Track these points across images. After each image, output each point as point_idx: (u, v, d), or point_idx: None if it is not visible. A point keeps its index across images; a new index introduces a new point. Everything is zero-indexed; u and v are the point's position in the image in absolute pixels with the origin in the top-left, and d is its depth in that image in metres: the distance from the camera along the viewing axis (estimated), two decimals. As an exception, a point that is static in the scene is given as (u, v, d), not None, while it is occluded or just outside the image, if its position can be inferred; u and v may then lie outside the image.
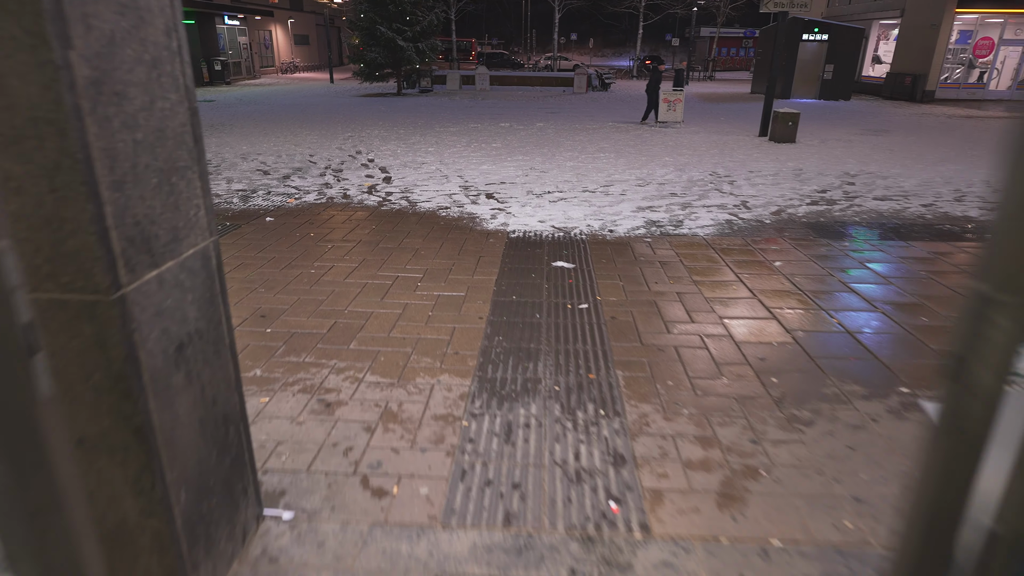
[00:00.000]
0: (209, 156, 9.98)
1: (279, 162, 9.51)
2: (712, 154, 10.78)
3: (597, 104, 21.35)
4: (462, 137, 12.59)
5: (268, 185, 7.88)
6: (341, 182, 8.13)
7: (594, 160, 10.00)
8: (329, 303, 4.16)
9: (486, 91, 26.52)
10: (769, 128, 13.01)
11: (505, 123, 15.25)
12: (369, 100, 22.04)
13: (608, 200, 7.25)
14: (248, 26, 35.84)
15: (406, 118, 16.06)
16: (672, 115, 15.25)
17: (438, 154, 10.44)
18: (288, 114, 16.81)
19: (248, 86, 29.36)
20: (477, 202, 7.09)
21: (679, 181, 8.42)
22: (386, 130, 13.68)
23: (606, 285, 4.57)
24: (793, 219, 6.57)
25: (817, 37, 23.51)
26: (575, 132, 13.63)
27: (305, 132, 13.21)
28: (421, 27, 24.04)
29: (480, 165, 9.43)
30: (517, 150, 10.96)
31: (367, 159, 9.91)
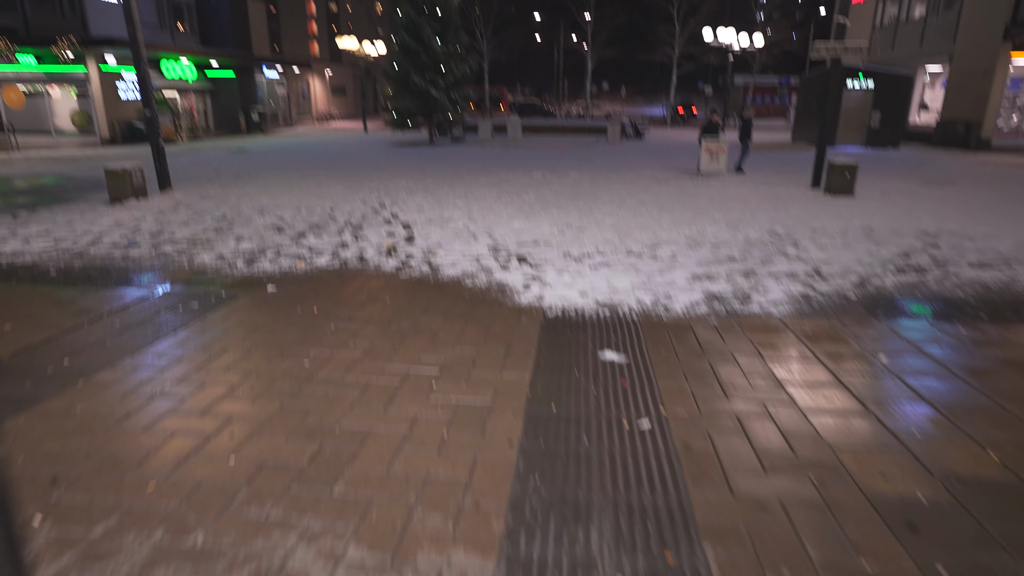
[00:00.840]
0: (225, 210, 9.43)
1: (297, 217, 8.88)
2: (765, 209, 9.82)
3: (632, 153, 20.66)
4: (492, 189, 11.90)
5: (279, 245, 7.18)
6: (359, 241, 7.40)
7: (636, 215, 9.13)
8: (318, 415, 3.28)
9: (518, 140, 26.17)
10: (823, 179, 12.03)
11: (538, 173, 14.59)
12: (400, 149, 21.78)
13: (657, 266, 6.33)
14: (287, 78, 36.66)
15: (436, 168, 15.54)
16: (714, 166, 14.39)
17: (466, 208, 9.72)
18: (317, 164, 16.48)
19: (283, 135, 29.65)
20: (508, 268, 6.24)
21: (735, 242, 7.46)
22: (414, 181, 13.11)
23: (671, 389, 3.60)
24: (882, 293, 5.53)
25: (862, 84, 22.62)
26: (612, 183, 12.85)
27: (331, 183, 12.70)
28: (454, 77, 23.94)
29: (511, 221, 8.64)
30: (551, 204, 10.18)
31: (390, 214, 9.22)
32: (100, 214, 9.09)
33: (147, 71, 10.71)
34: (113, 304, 5.06)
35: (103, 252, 6.81)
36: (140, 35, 10.55)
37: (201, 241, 7.34)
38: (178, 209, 9.52)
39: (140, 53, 10.56)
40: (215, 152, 20.51)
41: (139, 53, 10.55)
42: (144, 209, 9.51)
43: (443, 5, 23.43)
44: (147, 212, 9.27)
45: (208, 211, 9.37)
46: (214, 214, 9.11)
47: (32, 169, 15.56)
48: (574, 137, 27.15)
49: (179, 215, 9.02)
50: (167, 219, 8.73)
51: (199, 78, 29.07)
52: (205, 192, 11.39)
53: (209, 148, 22.33)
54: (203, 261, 6.44)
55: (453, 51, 24.24)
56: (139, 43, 10.52)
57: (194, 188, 11.89)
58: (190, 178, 13.55)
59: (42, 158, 18.35)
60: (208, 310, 4.94)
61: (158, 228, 8.10)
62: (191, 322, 4.66)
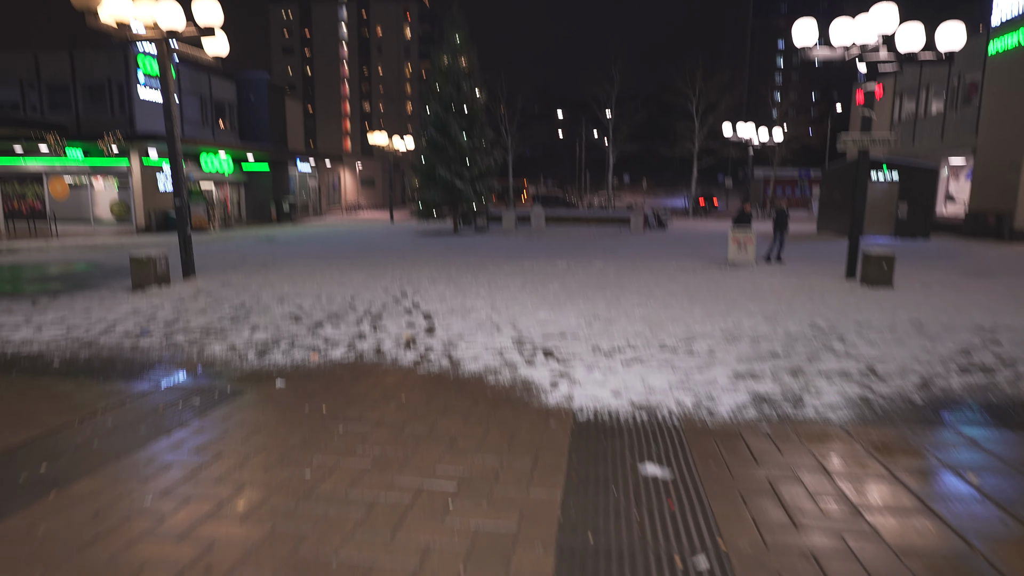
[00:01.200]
0: (244, 298, 9.28)
1: (316, 306, 8.66)
2: (801, 300, 9.37)
3: (656, 243, 20.56)
4: (516, 278, 11.68)
5: (295, 335, 6.89)
6: (378, 332, 7.08)
7: (666, 307, 8.74)
8: (314, 541, 2.81)
9: (542, 230, 26.41)
10: (859, 270, 11.60)
11: (562, 263, 14.42)
12: (425, 238, 22.02)
13: (695, 362, 5.86)
14: (319, 170, 38.17)
15: (459, 257, 15.50)
16: (743, 256, 14.09)
17: (490, 298, 9.44)
18: (342, 253, 16.59)
19: (312, 225, 30.40)
20: (533, 362, 5.82)
21: (775, 336, 6.99)
22: (437, 270, 12.99)
23: (727, 515, 3.06)
24: (951, 396, 4.97)
25: (886, 176, 22.61)
26: (638, 273, 12.56)
27: (354, 271, 12.63)
28: (479, 170, 24.56)
29: (536, 312, 8.30)
30: (577, 294, 9.86)
31: (412, 303, 8.97)
32: (119, 301, 8.98)
33: (180, 163, 10.99)
34: (110, 400, 4.72)
35: (113, 342, 6.58)
36: (176, 130, 10.90)
37: (215, 330, 7.09)
38: (198, 297, 9.39)
39: (175, 147, 10.87)
40: (244, 241, 20.92)
41: (174, 147, 10.86)
42: (164, 296, 9.41)
43: (470, 103, 24.43)
44: (167, 299, 9.15)
45: (227, 299, 9.23)
46: (233, 302, 8.95)
47: (66, 256, 15.88)
48: (597, 227, 27.34)
49: (198, 303, 8.87)
50: (185, 307, 8.57)
51: (235, 170, 30.34)
52: (227, 280, 11.35)
53: (239, 237, 22.84)
54: (213, 352, 6.15)
55: (478, 145, 25.02)
56: (175, 138, 10.85)
57: (218, 276, 11.88)
58: (216, 266, 13.63)
59: (78, 246, 18.84)
60: (210, 407, 4.57)
61: (174, 316, 7.91)
62: (189, 421, 4.28)
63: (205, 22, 10.04)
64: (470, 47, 24.78)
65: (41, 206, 25.59)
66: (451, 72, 24.10)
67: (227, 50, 11.27)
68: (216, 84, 30.64)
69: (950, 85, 26.03)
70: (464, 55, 24.47)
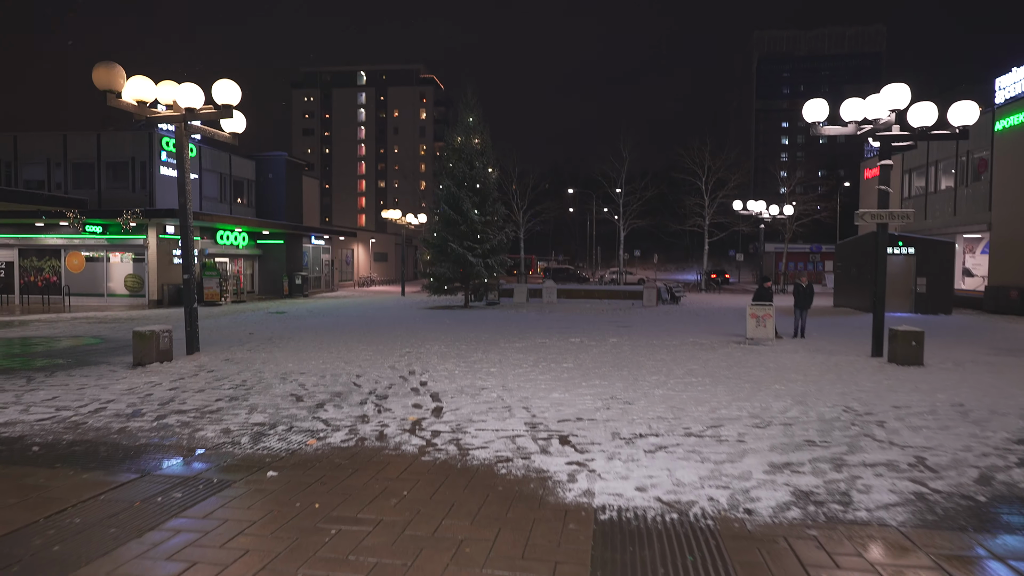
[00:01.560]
0: (246, 376, 8.93)
1: (319, 385, 8.28)
2: (829, 380, 8.87)
3: (670, 318, 20.18)
4: (529, 355, 11.28)
5: (294, 417, 6.49)
6: (382, 414, 6.66)
7: (687, 387, 8.27)
8: None
9: (553, 304, 26.18)
10: (885, 348, 11.11)
11: (575, 338, 14.03)
12: (435, 312, 21.79)
13: (724, 450, 5.37)
14: (333, 245, 38.66)
15: (470, 332, 15.17)
16: (762, 331, 13.65)
17: (501, 376, 9.03)
18: (350, 327, 16.34)
19: (323, 298, 30.40)
20: (548, 450, 5.36)
21: (808, 420, 6.49)
22: (447, 346, 12.63)
23: (786, 653, 2.55)
24: (1017, 493, 4.43)
25: (903, 251, 22.37)
26: (655, 350, 12.13)
27: (361, 347, 12.30)
28: (491, 245, 24.65)
29: (551, 392, 7.86)
30: (592, 372, 9.43)
31: (419, 382, 8.57)
32: (117, 379, 8.66)
33: (190, 238, 10.96)
34: (84, 493, 4.31)
35: (101, 424, 6.21)
36: (189, 205, 10.94)
37: (211, 412, 6.71)
38: (198, 374, 9.06)
39: (187, 221, 10.88)
40: (255, 314, 20.79)
41: (186, 221, 10.87)
42: (164, 373, 9.08)
43: (482, 180, 24.85)
44: (166, 377, 8.82)
45: (229, 376, 8.88)
46: (234, 380, 8.60)
47: (74, 330, 15.74)
48: (609, 302, 27.08)
49: (197, 381, 8.53)
50: (184, 385, 8.22)
51: (250, 244, 30.73)
52: (232, 355, 11.05)
53: (250, 310, 22.75)
54: (205, 436, 5.75)
55: (490, 221, 25.25)
56: (187, 212, 10.88)
57: (222, 351, 11.60)
58: (222, 340, 13.38)
59: (88, 319, 18.76)
60: (192, 502, 4.14)
61: (171, 395, 7.55)
62: (164, 522, 3.84)
63: (224, 100, 10.25)
64: (483, 127, 25.49)
65: (56, 279, 25.84)
66: (464, 150, 24.67)
67: (243, 127, 11.49)
68: (236, 163, 31.58)
69: (959, 162, 26.21)
70: (477, 135, 25.13)
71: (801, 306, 14.88)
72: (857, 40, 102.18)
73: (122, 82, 9.73)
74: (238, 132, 11.55)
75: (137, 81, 10.09)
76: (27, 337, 14.11)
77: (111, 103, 9.81)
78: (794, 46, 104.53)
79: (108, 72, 9.55)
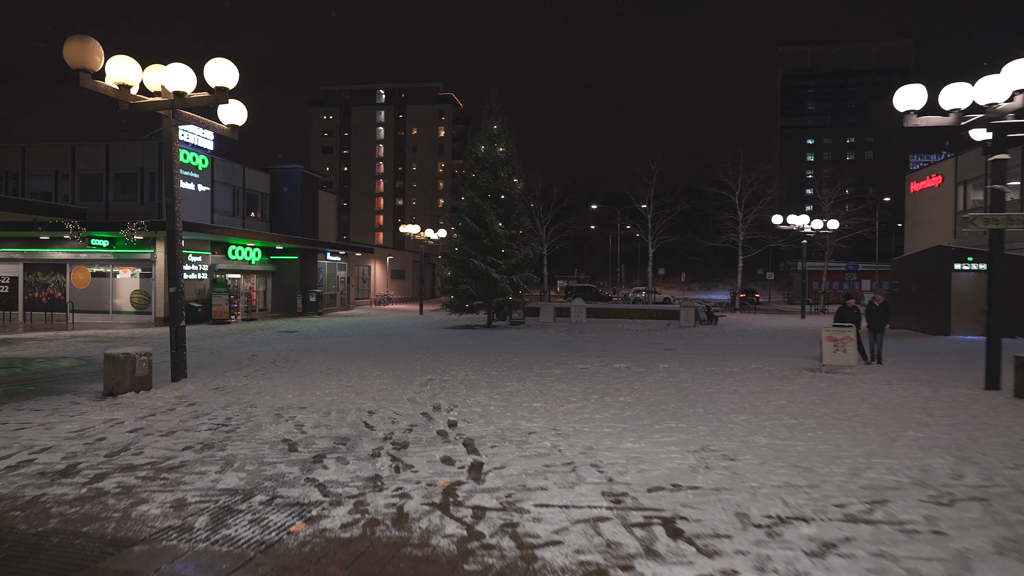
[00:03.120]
0: (233, 411, 7.20)
1: (321, 426, 6.53)
2: (968, 424, 6.92)
3: (715, 340, 18.22)
4: (574, 384, 9.46)
5: (280, 479, 4.72)
6: (401, 474, 4.88)
7: (792, 432, 6.38)
8: None
9: (583, 324, 24.31)
10: (1015, 380, 9.09)
11: (620, 364, 12.17)
12: (457, 332, 20.05)
13: (929, 552, 3.48)
14: (349, 262, 37.24)
15: (498, 355, 13.38)
16: (842, 357, 11.67)
17: (548, 413, 7.21)
18: (365, 348, 14.63)
19: (338, 316, 28.84)
20: (655, 548, 3.52)
21: (1003, 490, 4.58)
22: (475, 371, 10.86)
23: None
24: None
25: (973, 267, 20.24)
26: (719, 379, 10.24)
27: (376, 373, 10.57)
28: (516, 260, 22.93)
29: (620, 440, 6.02)
30: (660, 408, 7.57)
31: (447, 422, 6.78)
32: (73, 415, 6.99)
33: (179, 246, 9.37)
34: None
35: (10, 488, 4.48)
36: (178, 209, 9.38)
37: (170, 468, 4.97)
38: (175, 408, 7.36)
39: (175, 226, 9.31)
40: (263, 333, 19.21)
41: (174, 227, 9.30)
42: (133, 407, 7.40)
43: (507, 191, 23.22)
44: (134, 412, 7.13)
45: (212, 412, 7.17)
46: (216, 417, 6.88)
47: (62, 350, 14.22)
48: (642, 322, 25.16)
49: (170, 418, 6.82)
50: (151, 424, 6.51)
51: (263, 260, 29.36)
52: (224, 382, 9.37)
53: (260, 329, 21.20)
54: (145, 516, 3.99)
55: (515, 234, 23.56)
56: (175, 217, 9.31)
57: (214, 377, 9.93)
58: (219, 363, 11.73)
59: (87, 338, 17.28)
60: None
61: (128, 440, 5.84)
62: None
63: (218, 83, 8.69)
64: (508, 135, 23.92)
65: (61, 296, 24.59)
66: (488, 159, 23.08)
67: (244, 119, 9.94)
68: (250, 175, 30.35)
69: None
70: (502, 143, 23.56)
71: (876, 328, 12.95)
72: (885, 56, 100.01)
73: (98, 59, 8.21)
74: (238, 124, 9.99)
75: (119, 62, 8.59)
76: (7, 358, 12.59)
77: (85, 84, 8.28)
78: (819, 62, 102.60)
79: (81, 47, 8.04)
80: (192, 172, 25.75)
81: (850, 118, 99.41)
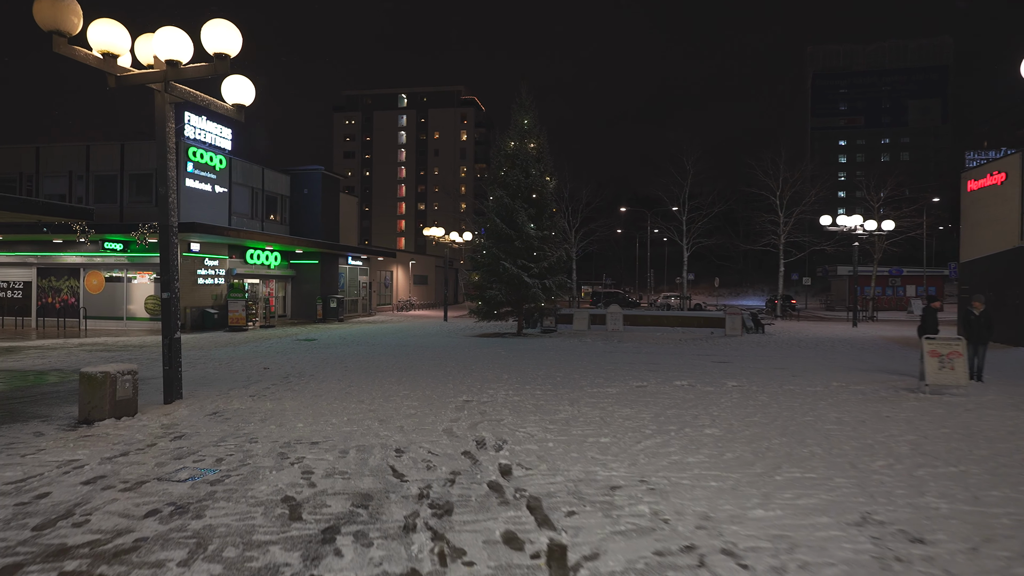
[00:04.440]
0: (227, 448, 5.71)
1: (335, 474, 5.01)
2: None
3: (769, 351, 16.43)
4: (639, 408, 7.84)
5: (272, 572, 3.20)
6: (448, 566, 3.33)
7: (970, 491, 4.70)
8: None
9: (619, 332, 22.62)
10: None
11: (680, 381, 10.52)
12: (486, 342, 18.51)
13: None
14: (371, 266, 35.97)
15: (538, 369, 11.79)
16: (950, 376, 9.87)
17: (624, 454, 5.62)
18: (389, 360, 13.15)
19: (359, 323, 27.52)
20: None
21: None
22: (516, 390, 9.30)
23: None
24: None
25: (1060, 270, 18.14)
26: (807, 402, 8.54)
27: (403, 392, 9.07)
28: (549, 263, 21.33)
29: (741, 501, 4.39)
30: (762, 446, 5.92)
31: (499, 467, 5.22)
32: (24, 452, 5.55)
33: (172, 243, 7.98)
34: None
35: None
36: (172, 199, 8.00)
37: (113, 557, 3.47)
38: (156, 444, 5.90)
39: (168, 221, 7.92)
40: (280, 342, 17.88)
41: (167, 221, 7.92)
42: (105, 442, 5.96)
43: (539, 190, 21.66)
44: (102, 450, 5.68)
45: (200, 450, 5.70)
46: (204, 459, 5.40)
47: (61, 361, 12.98)
48: (682, 330, 23.36)
49: (145, 460, 5.35)
50: (118, 470, 5.05)
51: (282, 264, 28.19)
52: (226, 405, 7.93)
53: (277, 336, 19.89)
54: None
55: (547, 236, 21.97)
56: (168, 208, 7.93)
57: (216, 397, 8.50)
58: (225, 378, 10.33)
59: (94, 346, 16.10)
60: None
61: (77, 498, 4.37)
62: None
63: (217, 48, 7.28)
64: (539, 130, 22.38)
65: (75, 301, 23.62)
66: (519, 156, 21.54)
67: (251, 97, 8.52)
68: (269, 176, 29.23)
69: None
70: (533, 138, 22.02)
71: (979, 340, 11.12)
72: (921, 53, 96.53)
73: (75, 21, 6.84)
74: (244, 104, 8.56)
75: (104, 27, 7.23)
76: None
77: (60, 50, 6.92)
78: (851, 61, 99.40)
79: (53, 5, 6.67)
80: (209, 173, 24.66)
81: (885, 118, 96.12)
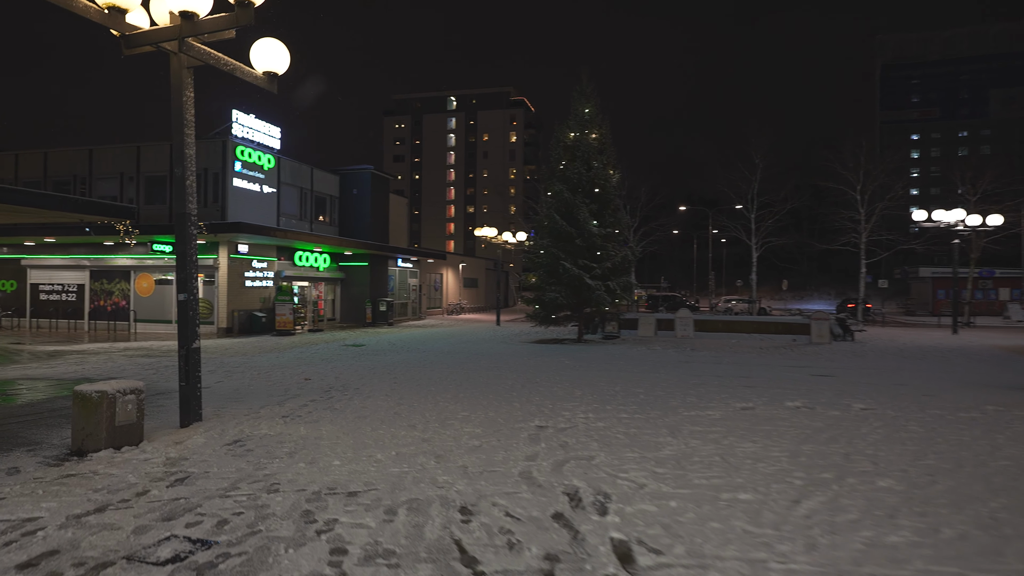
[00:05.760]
0: (237, 501, 4.29)
1: (377, 553, 3.49)
2: None
3: (870, 362, 14.24)
4: (763, 442, 6.07)
5: None
6: None
7: None
8: None
9: (689, 339, 20.63)
10: None
11: (792, 402, 8.66)
12: (546, 348, 16.90)
13: None
14: (421, 269, 34.94)
15: (613, 384, 10.11)
16: None
17: (789, 524, 3.91)
18: (442, 370, 11.70)
19: (409, 327, 26.38)
20: None
21: None
22: (597, 412, 7.65)
23: None
24: None
25: None
26: (966, 431, 6.57)
27: (462, 413, 7.56)
28: (613, 263, 19.55)
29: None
30: (973, 508, 4.11)
31: (611, 545, 3.60)
32: (-14, 501, 4.27)
33: (192, 237, 6.70)
34: None
35: None
36: (191, 184, 6.71)
37: None
38: (148, 492, 4.52)
39: (186, 209, 6.64)
40: (327, 347, 16.75)
41: (184, 209, 6.64)
42: (86, 486, 4.63)
43: (602, 184, 19.92)
44: (76, 499, 4.34)
45: (202, 504, 4.29)
46: (203, 519, 3.98)
47: (99, 368, 12.08)
48: (759, 337, 21.17)
49: (124, 519, 3.97)
50: (80, 538, 3.67)
51: (331, 267, 27.33)
52: (252, 430, 6.58)
53: (324, 341, 18.82)
54: None
55: (611, 233, 20.20)
56: (187, 196, 6.64)
57: (241, 419, 7.18)
58: (259, 392, 9.07)
59: (138, 351, 15.32)
60: None
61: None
62: None
63: (238, -5, 5.94)
64: (602, 119, 20.65)
65: (125, 304, 23.28)
66: (580, 147, 19.85)
67: (285, 65, 7.18)
68: (318, 177, 28.49)
69: None
70: (595, 128, 20.31)
71: None
72: (1003, 39, 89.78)
73: (72, -36, 5.64)
74: (277, 72, 7.23)
75: (111, -24, 6.01)
76: (18, 379, 10.46)
77: (59, 1, 5.72)
78: (925, 49, 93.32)
79: (46, -57, 5.48)
80: (257, 172, 23.98)
81: (962, 110, 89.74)
